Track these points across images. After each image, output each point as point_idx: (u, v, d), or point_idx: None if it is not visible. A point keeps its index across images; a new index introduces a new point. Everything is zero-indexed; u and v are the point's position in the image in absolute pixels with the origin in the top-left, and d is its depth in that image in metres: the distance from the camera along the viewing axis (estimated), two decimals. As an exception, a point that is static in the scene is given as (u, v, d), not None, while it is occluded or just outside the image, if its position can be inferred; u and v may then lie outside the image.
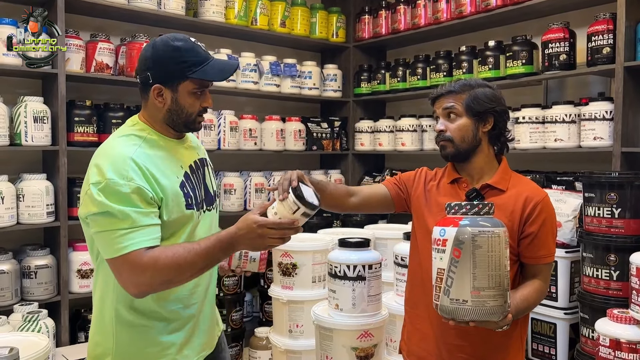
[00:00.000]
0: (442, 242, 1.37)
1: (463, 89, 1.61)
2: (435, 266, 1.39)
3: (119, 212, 1.35)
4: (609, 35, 2.76)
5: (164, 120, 1.52)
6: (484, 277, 1.32)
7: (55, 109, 2.94)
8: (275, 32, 3.86)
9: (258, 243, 1.40)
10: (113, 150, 1.44)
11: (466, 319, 1.33)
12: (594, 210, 2.34)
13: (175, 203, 1.45)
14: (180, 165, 1.52)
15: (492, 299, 1.32)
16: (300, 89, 4.01)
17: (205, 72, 1.46)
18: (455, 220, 1.37)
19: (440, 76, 3.58)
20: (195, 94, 1.48)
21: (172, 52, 1.45)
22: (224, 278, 3.28)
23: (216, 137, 3.56)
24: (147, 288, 1.39)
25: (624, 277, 2.21)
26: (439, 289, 1.37)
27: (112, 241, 1.36)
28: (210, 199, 1.61)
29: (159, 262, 1.35)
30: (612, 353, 1.99)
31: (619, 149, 2.71)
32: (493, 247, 1.33)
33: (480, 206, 1.39)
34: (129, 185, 1.36)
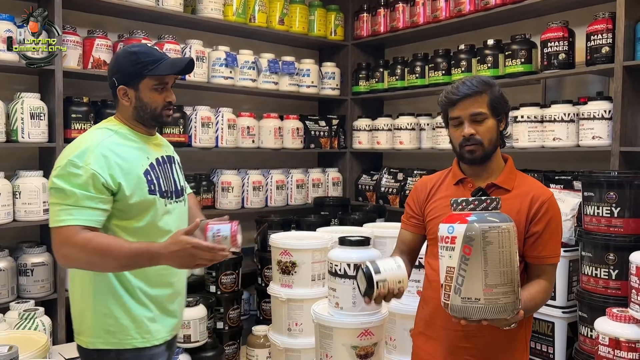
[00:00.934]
0: (450, 239, 1.33)
1: (485, 87, 1.57)
2: (443, 265, 1.36)
3: (67, 190, 1.55)
4: (608, 35, 2.77)
5: (133, 117, 1.73)
6: (495, 273, 1.29)
7: (52, 105, 2.91)
8: (273, 29, 3.84)
9: (187, 261, 1.56)
10: (84, 137, 1.68)
11: (479, 317, 1.31)
12: (593, 210, 2.34)
13: (137, 187, 1.64)
14: (147, 156, 1.72)
15: (505, 295, 1.29)
16: (299, 86, 4.00)
17: (158, 69, 1.67)
18: (463, 217, 1.33)
19: (439, 75, 3.58)
20: (156, 90, 1.69)
21: (129, 56, 1.69)
22: (221, 276, 3.27)
23: (214, 135, 3.54)
24: (73, 262, 1.59)
25: (623, 276, 2.22)
26: (449, 288, 1.33)
27: (54, 213, 1.57)
28: (177, 192, 1.81)
29: (89, 244, 1.53)
30: (612, 352, 1.99)
31: (617, 149, 2.72)
32: (504, 243, 1.30)
33: (488, 201, 1.36)
34: (85, 169, 1.56)
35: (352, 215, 3.74)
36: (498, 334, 1.53)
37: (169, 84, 1.73)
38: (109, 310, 1.66)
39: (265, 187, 3.82)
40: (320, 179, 4.17)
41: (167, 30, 3.55)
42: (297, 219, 3.71)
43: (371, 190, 4.14)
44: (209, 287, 3.31)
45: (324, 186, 4.20)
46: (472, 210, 1.35)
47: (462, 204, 1.37)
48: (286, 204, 3.95)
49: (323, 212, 3.91)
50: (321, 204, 4.00)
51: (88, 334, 1.68)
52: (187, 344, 2.93)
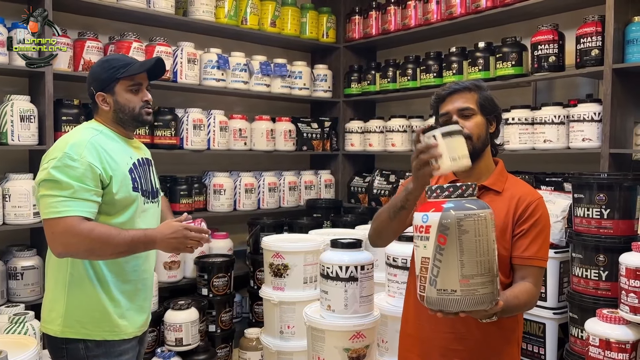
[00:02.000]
0: (425, 228, 1.27)
1: (474, 87, 1.61)
2: (418, 255, 1.30)
3: (64, 182, 1.61)
4: (598, 38, 2.79)
5: (113, 120, 1.81)
6: (472, 263, 1.23)
7: (42, 107, 2.89)
8: (265, 31, 3.84)
9: (179, 243, 1.71)
10: (73, 134, 1.76)
11: (455, 309, 1.25)
12: (583, 211, 2.35)
13: (123, 183, 1.73)
14: (130, 156, 1.81)
15: (482, 286, 1.23)
16: (291, 89, 4.00)
17: (129, 70, 1.77)
18: (438, 204, 1.27)
19: (430, 77, 3.59)
20: (131, 91, 1.79)
21: (102, 64, 1.81)
22: (213, 279, 3.26)
23: (206, 137, 3.54)
24: (73, 250, 1.64)
25: (613, 278, 2.23)
26: (424, 280, 1.27)
27: (49, 204, 1.61)
28: (153, 193, 1.89)
29: (93, 233, 1.61)
30: (602, 353, 2.00)
31: (607, 150, 2.74)
32: (480, 231, 1.24)
33: (463, 187, 1.30)
34: (81, 162, 1.63)
35: (345, 218, 3.74)
36: (489, 335, 1.53)
37: (143, 84, 1.82)
38: (80, 301, 1.72)
39: (257, 190, 3.82)
40: (312, 181, 4.17)
41: (159, 32, 3.54)
42: (290, 221, 3.70)
43: (363, 192, 4.14)
44: (201, 290, 3.30)
45: (317, 188, 4.20)
46: (447, 198, 1.29)
47: (437, 191, 1.31)
48: (278, 206, 3.95)
49: (315, 214, 3.91)
50: (313, 206, 4.00)
51: (58, 322, 1.73)
52: (179, 347, 2.92)
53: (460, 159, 1.38)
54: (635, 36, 2.67)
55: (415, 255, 1.34)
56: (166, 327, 2.94)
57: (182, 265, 3.36)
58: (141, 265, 1.82)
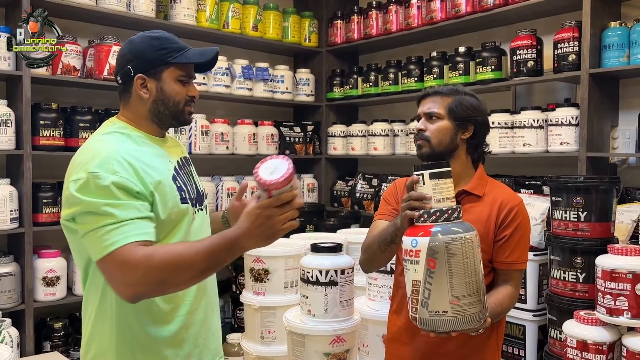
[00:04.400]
0: (414, 252, 1.32)
1: (450, 92, 1.64)
2: (409, 278, 1.35)
3: (100, 208, 1.23)
4: (575, 43, 2.83)
5: (149, 114, 1.45)
6: (461, 285, 1.29)
7: (19, 112, 2.86)
8: (247, 35, 3.84)
9: (269, 231, 1.26)
10: (95, 145, 1.35)
11: (447, 329, 1.31)
12: (561, 214, 2.38)
13: (170, 196, 1.36)
14: (169, 160, 1.45)
15: (471, 306, 1.30)
16: (273, 93, 3.99)
17: (187, 57, 1.43)
18: (426, 229, 1.32)
19: (412, 81, 3.61)
20: (181, 82, 1.45)
21: (150, 41, 1.43)
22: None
23: (187, 141, 3.52)
24: (141, 289, 1.24)
25: (590, 280, 2.26)
26: (415, 302, 1.32)
27: (97, 240, 1.23)
28: (200, 198, 1.53)
29: (154, 259, 1.21)
30: (579, 354, 2.03)
31: (584, 154, 2.78)
32: (467, 253, 1.30)
33: (449, 212, 1.35)
34: (112, 179, 1.26)
35: (327, 221, 3.74)
36: (470, 338, 1.55)
37: (193, 77, 1.49)
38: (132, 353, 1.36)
39: (239, 194, 3.80)
40: (295, 185, 4.16)
41: (139, 36, 3.51)
42: (272, 225, 3.68)
43: (346, 196, 4.15)
44: (183, 296, 3.26)
45: (300, 192, 4.19)
46: (434, 222, 1.34)
47: (424, 216, 1.35)
48: (261, 211, 3.93)
49: (298, 218, 3.89)
50: (296, 210, 3.99)
51: None
52: (160, 354, 2.88)
53: (445, 200, 1.42)
54: (611, 41, 2.72)
55: (405, 277, 1.37)
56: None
57: (163, 270, 3.33)
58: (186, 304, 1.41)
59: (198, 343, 1.46)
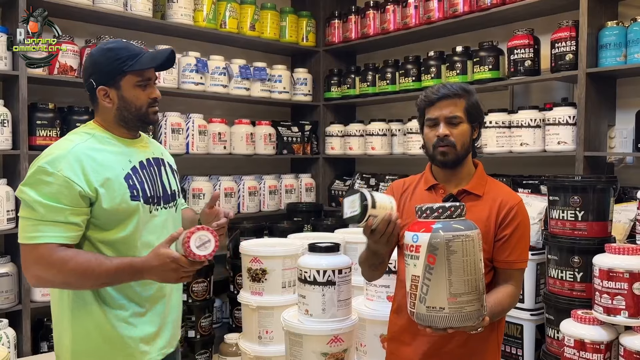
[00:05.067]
0: (415, 248, 1.32)
1: (464, 92, 1.60)
2: (409, 273, 1.35)
3: (36, 200, 1.42)
4: (572, 42, 2.83)
5: (116, 120, 1.60)
6: (460, 282, 1.28)
7: (16, 112, 2.85)
8: (244, 35, 3.83)
9: (169, 276, 1.46)
10: (57, 143, 1.54)
11: (444, 326, 1.30)
12: (558, 213, 2.38)
13: (118, 193, 1.51)
14: (129, 159, 1.58)
15: (469, 304, 1.29)
16: (270, 92, 3.99)
17: (140, 63, 1.55)
18: (427, 225, 1.32)
19: (409, 81, 3.61)
20: (140, 86, 1.57)
21: (105, 53, 1.57)
22: (192, 284, 3.23)
23: (184, 141, 3.51)
24: (47, 283, 1.49)
25: (588, 279, 2.26)
26: (414, 297, 1.33)
27: (23, 227, 1.44)
28: (167, 197, 1.67)
29: (68, 265, 1.40)
30: (577, 353, 2.03)
31: (581, 153, 2.78)
32: (467, 251, 1.29)
33: (452, 209, 1.34)
34: (56, 176, 1.43)
35: (325, 221, 3.74)
36: (470, 338, 1.55)
37: (152, 79, 1.61)
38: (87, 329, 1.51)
39: (237, 194, 3.80)
40: (293, 184, 4.16)
41: (136, 35, 3.50)
42: (270, 225, 3.69)
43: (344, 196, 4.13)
44: (180, 296, 3.26)
45: (297, 192, 4.19)
46: (436, 219, 1.34)
47: (427, 212, 1.35)
48: (259, 210, 3.93)
49: (296, 218, 3.90)
50: (294, 210, 3.99)
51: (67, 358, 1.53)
52: (157, 354, 2.88)
53: None
54: (608, 41, 2.72)
55: (405, 271, 1.38)
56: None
57: (161, 270, 3.32)
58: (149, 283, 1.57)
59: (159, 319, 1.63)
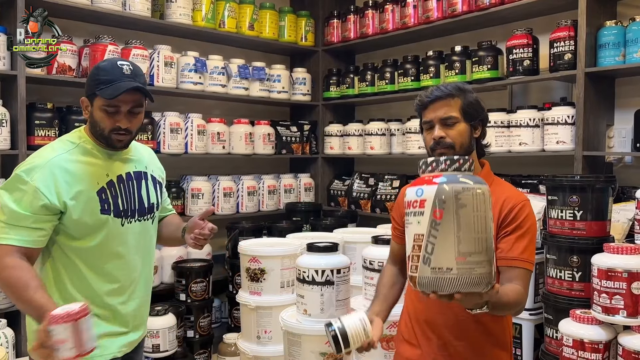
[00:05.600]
0: (419, 203, 1.19)
1: (458, 92, 1.56)
2: (411, 233, 1.22)
3: (7, 205, 1.52)
4: (571, 42, 2.83)
5: (92, 132, 1.67)
6: (469, 240, 1.15)
7: (14, 111, 2.84)
8: (243, 35, 3.83)
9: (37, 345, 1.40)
10: (40, 151, 1.63)
11: (451, 290, 1.16)
12: (557, 213, 2.38)
13: (88, 206, 1.59)
14: (106, 173, 1.66)
15: (480, 265, 1.16)
16: (269, 92, 3.99)
17: (104, 90, 1.57)
18: (433, 178, 1.21)
19: (408, 80, 3.61)
20: (105, 111, 1.60)
21: (94, 69, 1.65)
22: (191, 284, 3.23)
23: (183, 141, 3.51)
24: None
25: (586, 278, 2.26)
26: (416, 259, 1.19)
27: None
28: (143, 210, 1.74)
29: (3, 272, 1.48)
30: (576, 353, 2.02)
31: (580, 153, 2.78)
32: (478, 206, 1.17)
33: (460, 161, 1.23)
34: (29, 185, 1.52)
35: (324, 221, 3.74)
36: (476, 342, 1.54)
37: (123, 108, 1.61)
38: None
39: (236, 193, 3.80)
40: (292, 184, 4.16)
41: (135, 35, 3.50)
42: (269, 225, 3.69)
43: (343, 196, 4.15)
44: (179, 296, 3.27)
45: (296, 192, 4.19)
46: (443, 171, 1.22)
47: (432, 165, 1.24)
48: (258, 210, 3.93)
49: (295, 217, 3.90)
50: (293, 209, 3.99)
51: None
52: (156, 354, 2.88)
53: None
54: (607, 40, 2.72)
55: (406, 234, 1.25)
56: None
57: (160, 270, 3.33)
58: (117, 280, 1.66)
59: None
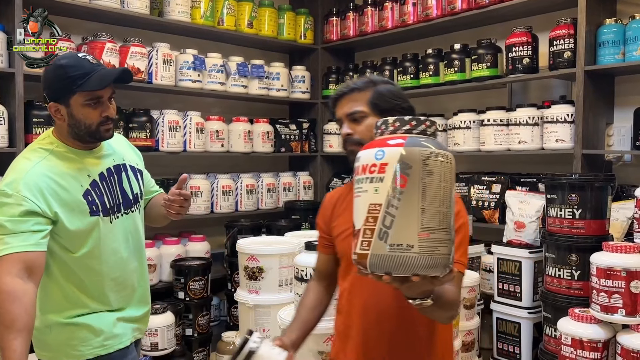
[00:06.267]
0: (378, 167, 1.02)
1: (366, 85, 1.48)
2: (365, 202, 1.03)
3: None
4: (570, 40, 2.82)
5: (69, 135, 1.61)
6: (434, 214, 1.00)
7: (12, 109, 2.83)
8: (242, 32, 3.82)
9: None
10: (16, 163, 1.59)
11: (409, 270, 1.00)
12: (556, 211, 2.38)
13: (78, 211, 1.56)
14: (88, 174, 1.62)
15: (442, 244, 1.00)
16: (268, 90, 3.98)
17: (87, 84, 1.54)
18: (397, 139, 1.04)
19: (408, 78, 3.60)
20: (89, 105, 1.56)
21: (56, 70, 1.56)
22: (190, 282, 3.23)
23: (182, 139, 3.50)
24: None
25: (585, 277, 2.25)
26: (369, 233, 1.01)
27: None
28: (128, 202, 1.72)
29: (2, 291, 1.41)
30: (575, 352, 2.02)
31: (579, 151, 2.77)
32: (445, 176, 1.02)
33: (427, 123, 1.08)
34: (15, 197, 1.47)
35: (323, 219, 3.72)
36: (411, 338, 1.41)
37: (104, 97, 1.60)
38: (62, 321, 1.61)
39: (235, 192, 3.79)
40: (291, 182, 4.15)
41: (133, 32, 3.49)
42: (268, 223, 3.68)
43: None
44: (178, 294, 3.26)
45: (295, 190, 4.18)
46: (407, 133, 1.06)
47: (395, 124, 1.07)
48: (257, 209, 3.92)
49: (294, 216, 3.89)
50: (292, 208, 3.99)
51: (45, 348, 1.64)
52: (155, 352, 2.88)
53: None
54: (607, 38, 2.71)
55: (356, 204, 1.06)
56: (141, 331, 2.90)
57: (158, 268, 3.32)
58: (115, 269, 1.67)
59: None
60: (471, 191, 3.26)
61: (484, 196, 3.20)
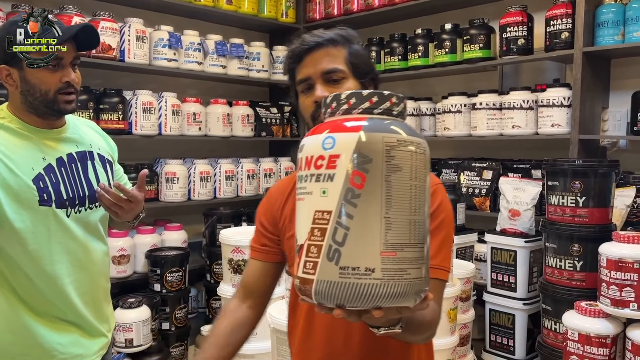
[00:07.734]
0: (327, 160, 0.73)
1: (340, 39, 1.15)
2: (308, 208, 0.75)
3: None
4: (568, 20, 2.71)
5: (22, 105, 1.39)
6: (403, 224, 0.73)
7: None
8: (220, 9, 3.60)
9: None
10: None
11: (369, 303, 0.71)
12: (558, 199, 2.27)
13: (24, 197, 1.33)
14: (43, 157, 1.39)
15: (414, 265, 0.73)
16: (248, 70, 3.77)
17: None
18: (352, 122, 0.76)
19: (395, 60, 3.44)
20: (47, 68, 1.35)
21: (9, 27, 1.37)
22: (166, 274, 3.04)
23: (157, 122, 3.28)
24: None
25: (588, 268, 2.16)
26: (316, 251, 0.73)
27: None
28: (93, 196, 1.46)
29: None
30: (581, 348, 1.92)
31: (576, 136, 2.68)
32: (418, 172, 0.75)
33: (393, 100, 0.79)
34: None
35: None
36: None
37: (65, 59, 1.38)
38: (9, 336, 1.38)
39: (213, 178, 3.59)
40: (272, 168, 3.97)
41: (104, 6, 3.24)
42: (248, 211, 3.51)
43: None
44: (153, 286, 3.07)
45: (277, 176, 4.01)
46: (367, 113, 0.78)
47: (350, 100, 0.79)
48: (236, 195, 3.74)
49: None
50: (273, 194, 3.82)
51: None
52: (130, 349, 2.71)
53: None
54: (606, 18, 2.61)
55: (298, 211, 0.78)
56: (115, 327, 2.71)
57: (132, 259, 3.12)
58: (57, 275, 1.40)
59: None
60: (461, 178, 3.15)
61: (474, 183, 3.09)
